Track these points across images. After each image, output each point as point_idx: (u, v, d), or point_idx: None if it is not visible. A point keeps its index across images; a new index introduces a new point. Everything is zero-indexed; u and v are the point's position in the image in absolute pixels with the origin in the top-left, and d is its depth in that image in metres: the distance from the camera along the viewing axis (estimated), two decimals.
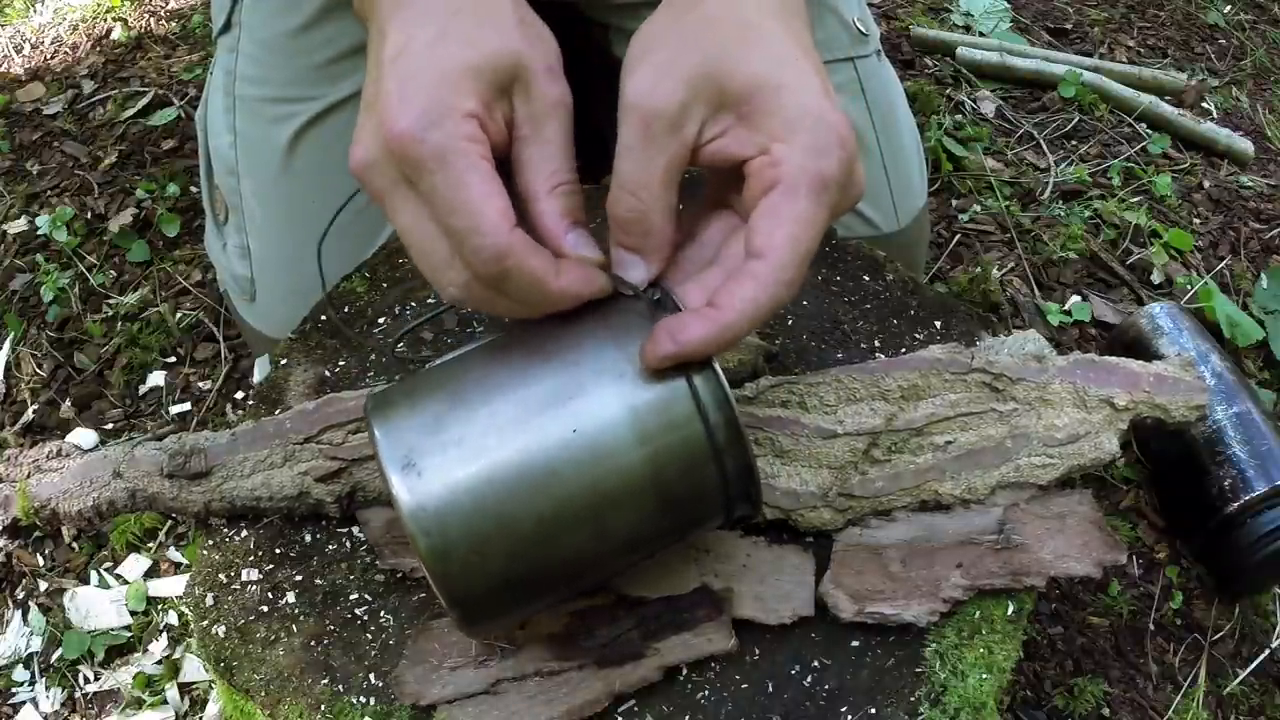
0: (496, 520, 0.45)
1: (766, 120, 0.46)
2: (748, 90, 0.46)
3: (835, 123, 0.47)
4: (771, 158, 0.46)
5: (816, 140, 0.46)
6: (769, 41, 0.48)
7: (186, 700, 0.93)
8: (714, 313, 0.45)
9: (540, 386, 0.46)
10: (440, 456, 0.45)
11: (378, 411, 0.47)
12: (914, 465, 0.59)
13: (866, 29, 0.95)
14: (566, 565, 0.48)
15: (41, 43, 1.60)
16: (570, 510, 0.46)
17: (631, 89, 0.47)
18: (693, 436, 0.46)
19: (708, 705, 0.53)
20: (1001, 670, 0.55)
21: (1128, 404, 0.61)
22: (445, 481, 0.45)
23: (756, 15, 0.49)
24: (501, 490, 0.45)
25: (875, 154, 0.93)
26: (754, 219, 0.47)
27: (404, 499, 0.45)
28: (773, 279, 0.45)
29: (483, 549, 0.45)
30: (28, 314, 1.20)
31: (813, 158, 0.46)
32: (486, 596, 0.47)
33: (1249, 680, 0.96)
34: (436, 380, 0.48)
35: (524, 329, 0.49)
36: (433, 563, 0.45)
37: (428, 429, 0.46)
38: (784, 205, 0.46)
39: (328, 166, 0.89)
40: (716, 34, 0.47)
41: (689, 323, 0.45)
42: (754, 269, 0.46)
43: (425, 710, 0.53)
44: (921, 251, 1.05)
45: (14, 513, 0.61)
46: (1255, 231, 1.38)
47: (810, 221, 0.46)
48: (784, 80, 0.47)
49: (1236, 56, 1.77)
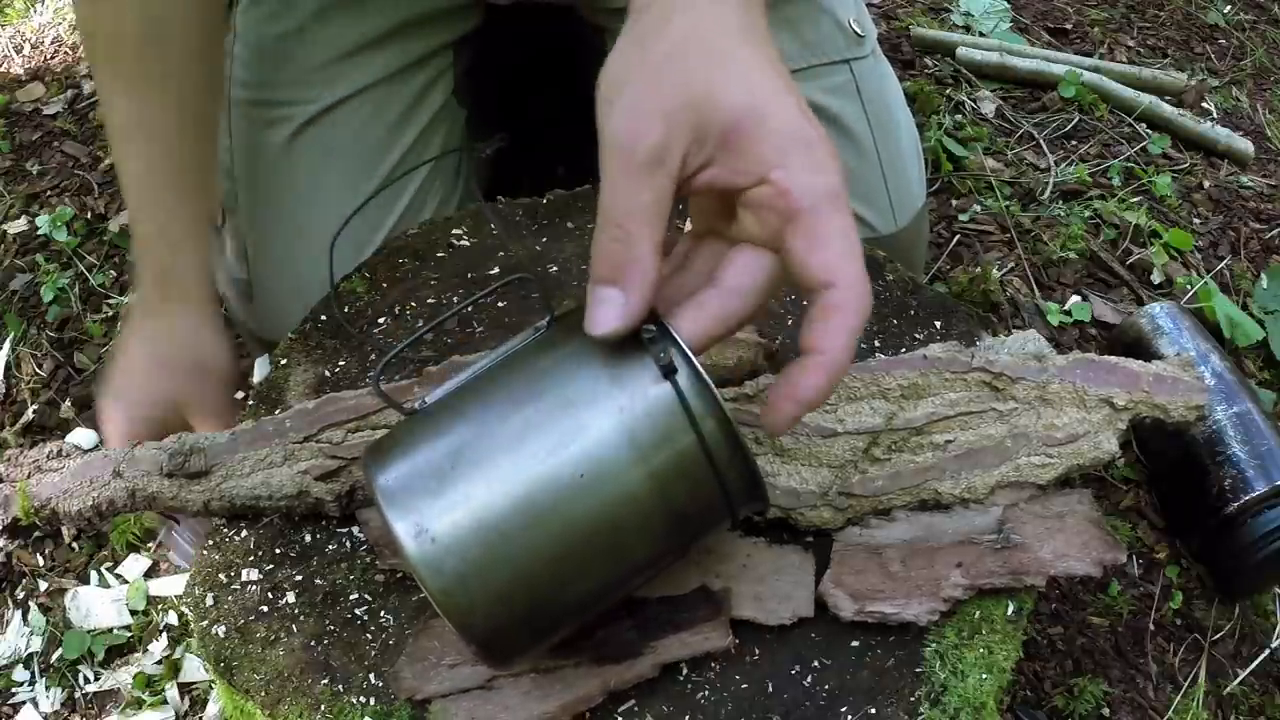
0: (512, 571, 0.45)
1: (754, 148, 0.46)
2: (730, 120, 0.46)
3: (817, 138, 0.47)
4: (777, 188, 0.46)
5: (812, 159, 0.46)
6: (740, 66, 0.48)
7: (186, 700, 0.93)
8: (820, 358, 0.45)
9: (540, 432, 0.45)
10: (449, 517, 0.45)
11: (379, 475, 0.47)
12: (914, 464, 0.59)
13: (862, 29, 0.95)
14: (586, 596, 0.48)
15: (41, 43, 1.60)
16: (586, 550, 0.46)
17: (611, 129, 0.46)
18: (693, 452, 0.46)
19: (707, 705, 0.53)
20: (1001, 670, 0.55)
21: (1127, 404, 0.61)
22: (458, 542, 0.45)
23: (721, 38, 0.48)
24: (514, 542, 0.45)
25: (872, 155, 0.93)
26: (797, 253, 0.46)
27: (421, 567, 0.45)
28: (855, 298, 0.45)
29: (503, 599, 0.45)
30: (28, 314, 1.21)
31: (817, 176, 0.46)
32: (511, 638, 0.47)
33: (1249, 680, 0.96)
34: (432, 433, 0.47)
35: (515, 361, 0.48)
36: (457, 618, 0.45)
37: (432, 491, 0.45)
38: (819, 227, 0.45)
39: (323, 168, 0.89)
40: (688, 64, 0.47)
41: (802, 378, 0.45)
42: (832, 299, 0.45)
43: (422, 705, 0.53)
44: (921, 252, 1.05)
45: (14, 513, 0.61)
46: (1255, 231, 1.38)
47: (848, 233, 0.46)
48: (765, 108, 0.47)
49: (1236, 56, 1.78)
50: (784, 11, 0.90)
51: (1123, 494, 1.06)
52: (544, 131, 1.05)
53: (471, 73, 0.96)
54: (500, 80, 1.01)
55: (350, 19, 0.87)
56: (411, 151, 0.91)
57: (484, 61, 0.97)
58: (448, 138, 0.95)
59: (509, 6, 0.92)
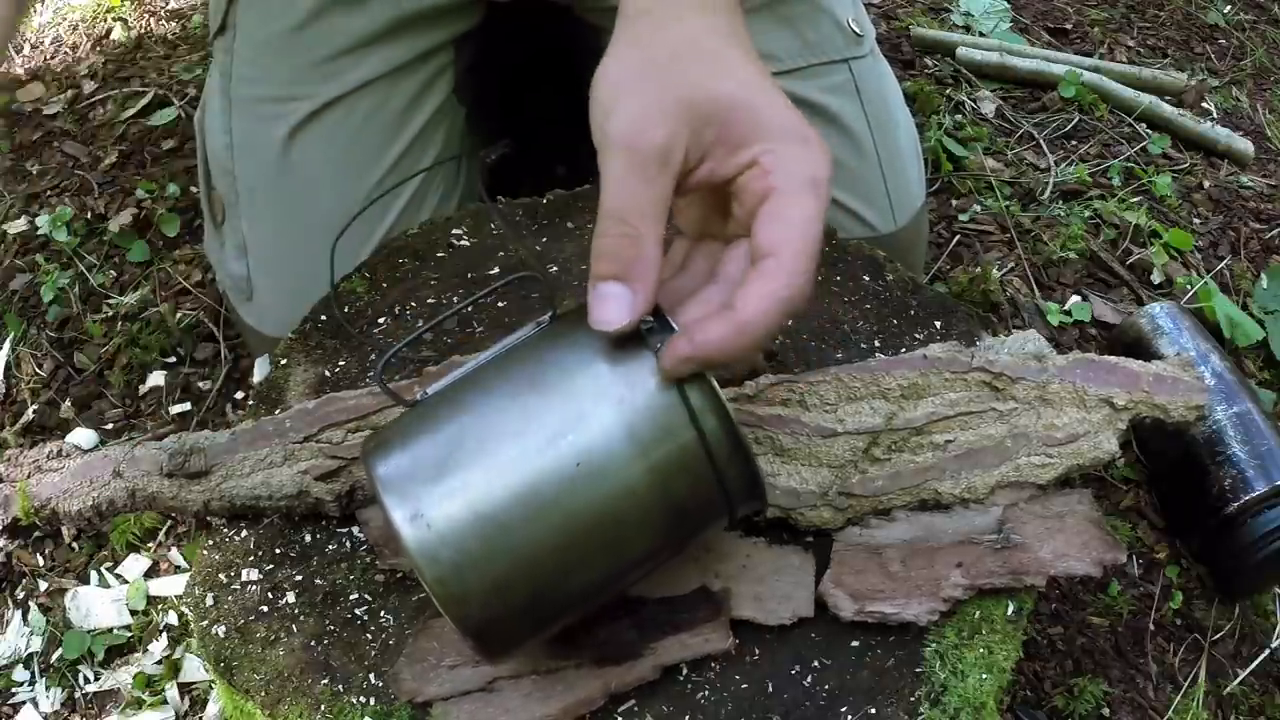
0: (510, 561, 0.45)
1: (747, 137, 0.48)
2: (726, 114, 0.48)
3: (811, 135, 0.49)
4: (761, 168, 0.48)
5: (804, 151, 0.48)
6: (734, 67, 0.50)
7: (186, 700, 0.93)
8: (731, 313, 0.45)
9: (539, 422, 0.45)
10: (447, 505, 0.45)
11: (378, 463, 0.47)
12: (914, 464, 0.59)
13: (861, 29, 0.95)
14: (583, 589, 0.48)
15: (41, 43, 1.60)
16: (583, 542, 0.46)
17: (616, 129, 0.47)
18: (692, 447, 0.46)
19: (708, 705, 0.53)
20: (1001, 670, 0.55)
21: (1127, 404, 0.61)
22: (455, 531, 0.45)
23: (715, 43, 0.51)
24: (511, 532, 0.45)
25: (871, 154, 0.93)
26: (757, 225, 0.47)
27: (418, 555, 0.45)
28: (787, 273, 0.46)
29: (499, 589, 0.45)
30: (28, 314, 1.20)
31: (800, 162, 0.48)
32: (506, 630, 0.47)
33: (1249, 680, 0.96)
34: (432, 422, 0.47)
35: (515, 353, 0.48)
36: (452, 608, 0.45)
37: (430, 479, 0.45)
38: (785, 205, 0.47)
39: (323, 164, 0.89)
40: (686, 66, 0.49)
41: (708, 324, 0.45)
42: (766, 267, 0.46)
43: (423, 707, 0.53)
44: (920, 252, 1.05)
45: (14, 513, 0.61)
46: (1255, 231, 1.38)
47: (812, 217, 0.47)
48: (757, 101, 0.49)
49: (1236, 56, 1.77)
50: (783, 11, 0.90)
51: (1123, 494, 1.05)
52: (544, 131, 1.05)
53: (472, 70, 0.96)
54: (500, 79, 1.01)
55: (350, 15, 0.87)
56: (412, 148, 0.91)
57: (484, 59, 0.97)
58: (448, 135, 0.95)
59: (508, 4, 0.92)
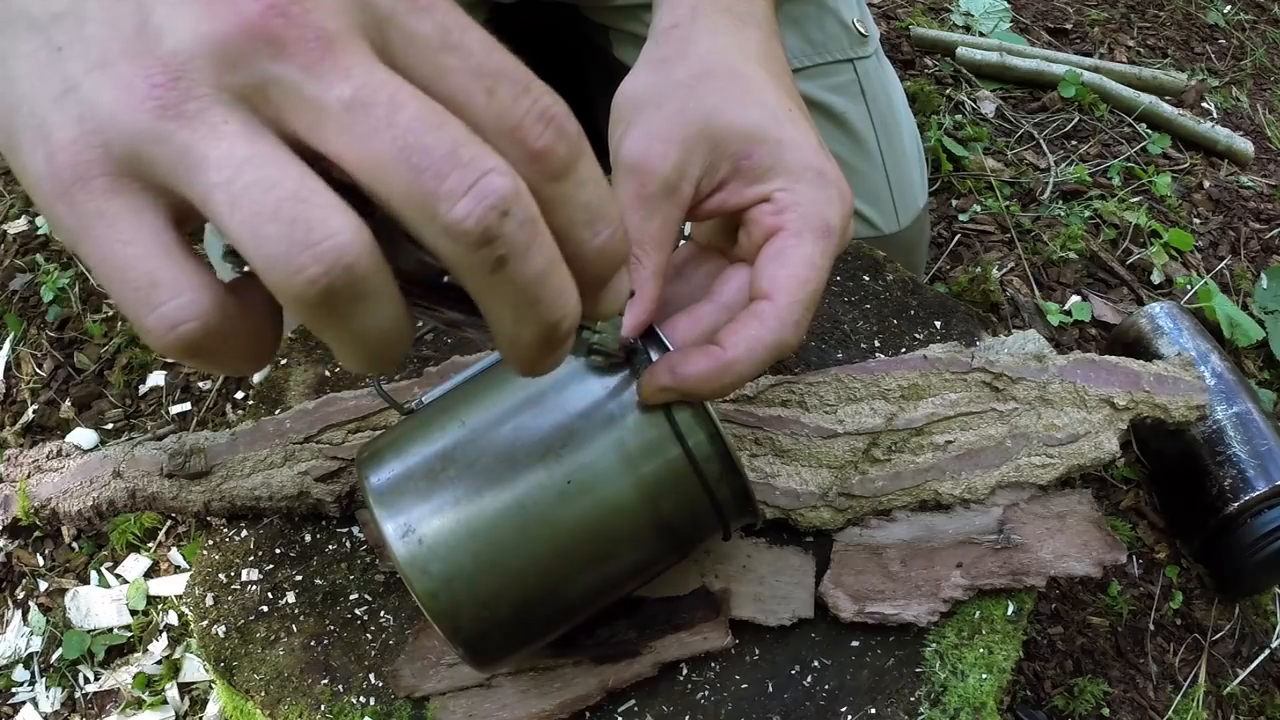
0: (500, 575, 0.45)
1: (765, 172, 0.47)
2: (745, 145, 0.47)
3: (834, 176, 0.47)
4: (775, 205, 0.47)
5: (818, 190, 0.47)
6: (761, 93, 0.48)
7: (186, 700, 0.93)
8: (717, 350, 0.44)
9: (530, 438, 0.45)
10: (438, 520, 0.45)
11: (371, 475, 0.47)
12: (914, 465, 0.59)
13: (866, 30, 0.95)
14: (572, 603, 0.48)
15: None
16: (573, 557, 0.46)
17: (626, 151, 0.46)
18: (680, 465, 0.46)
19: (707, 705, 0.53)
20: (1001, 670, 0.55)
21: (1127, 404, 0.61)
22: (446, 545, 0.45)
23: (744, 64, 0.49)
24: (502, 547, 0.45)
25: (876, 155, 0.93)
26: (760, 263, 0.46)
27: (408, 568, 0.45)
28: (779, 320, 0.45)
29: (490, 602, 0.45)
30: (28, 314, 1.21)
31: (816, 205, 0.46)
32: (497, 642, 0.47)
33: (1249, 680, 0.96)
34: (425, 434, 0.47)
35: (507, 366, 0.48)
36: (442, 621, 0.45)
37: (422, 492, 0.45)
38: (790, 249, 0.46)
39: None
40: (709, 90, 0.47)
41: (691, 357, 0.44)
42: (760, 310, 0.45)
43: (420, 703, 0.53)
44: (922, 252, 1.05)
45: (14, 513, 0.61)
46: (1255, 231, 1.38)
47: (817, 265, 0.46)
48: (782, 136, 0.47)
49: (1236, 56, 1.77)
50: (789, 10, 0.90)
51: (1123, 494, 1.06)
52: None
53: None
54: None
55: None
56: None
57: None
58: None
59: (513, 4, 0.92)
